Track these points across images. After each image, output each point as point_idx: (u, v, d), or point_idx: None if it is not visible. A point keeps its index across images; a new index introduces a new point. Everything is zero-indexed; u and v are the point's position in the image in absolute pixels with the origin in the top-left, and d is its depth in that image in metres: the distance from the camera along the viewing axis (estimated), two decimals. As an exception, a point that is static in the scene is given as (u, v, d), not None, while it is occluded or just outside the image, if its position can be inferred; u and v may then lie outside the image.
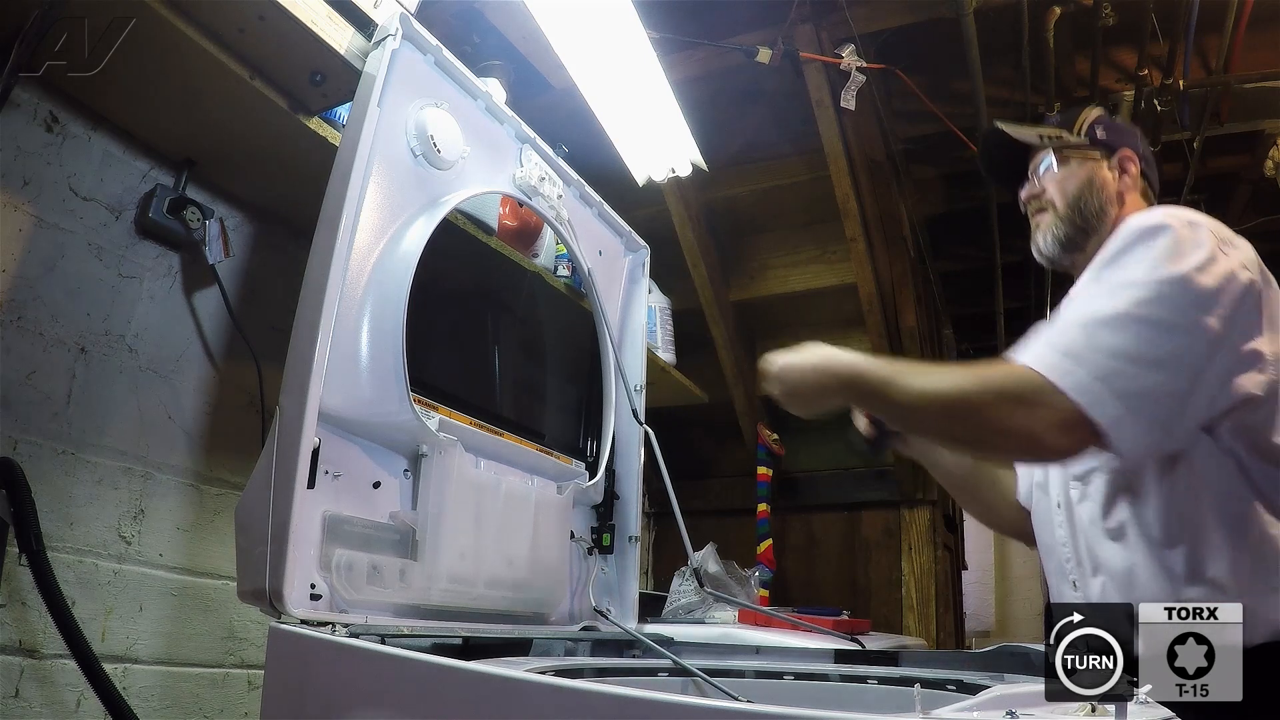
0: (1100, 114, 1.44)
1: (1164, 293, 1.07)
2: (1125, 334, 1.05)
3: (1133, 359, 1.04)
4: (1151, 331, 1.05)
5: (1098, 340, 1.06)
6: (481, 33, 2.04)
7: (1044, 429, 1.05)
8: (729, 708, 0.59)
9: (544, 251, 1.92)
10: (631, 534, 1.62)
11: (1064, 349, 1.06)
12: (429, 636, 1.07)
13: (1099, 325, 1.07)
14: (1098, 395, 1.03)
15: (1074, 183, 1.36)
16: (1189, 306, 1.06)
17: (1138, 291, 1.08)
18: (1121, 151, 1.38)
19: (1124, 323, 1.06)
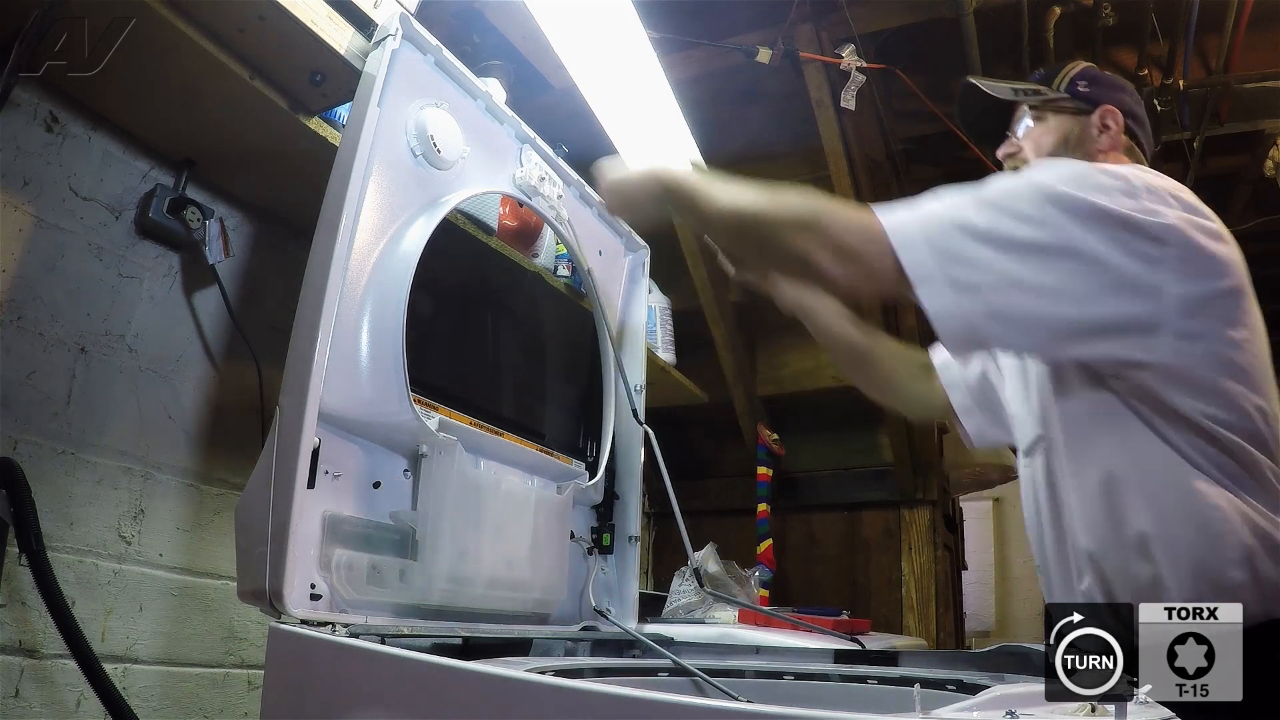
0: (1086, 67, 1.37)
1: (1027, 191, 1.02)
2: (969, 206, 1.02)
3: (956, 224, 1.01)
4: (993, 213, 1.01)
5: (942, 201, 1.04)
6: (481, 33, 2.04)
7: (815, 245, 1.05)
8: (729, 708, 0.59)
9: (544, 251, 1.92)
10: (631, 534, 1.62)
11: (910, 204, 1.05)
12: (429, 636, 1.07)
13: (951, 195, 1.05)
14: (908, 234, 1.01)
15: (1049, 142, 1.31)
16: (1046, 206, 1.00)
17: (1005, 182, 1.05)
18: (1103, 107, 1.30)
19: (977, 201, 1.03)
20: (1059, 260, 0.99)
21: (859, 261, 1.04)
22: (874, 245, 1.03)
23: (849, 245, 1.04)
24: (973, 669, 1.22)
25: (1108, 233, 0.99)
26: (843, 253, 1.04)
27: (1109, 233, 0.99)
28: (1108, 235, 0.99)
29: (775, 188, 1.13)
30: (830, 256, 1.04)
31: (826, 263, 1.05)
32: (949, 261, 1.00)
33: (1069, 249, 0.99)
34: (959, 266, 1.00)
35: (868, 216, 1.06)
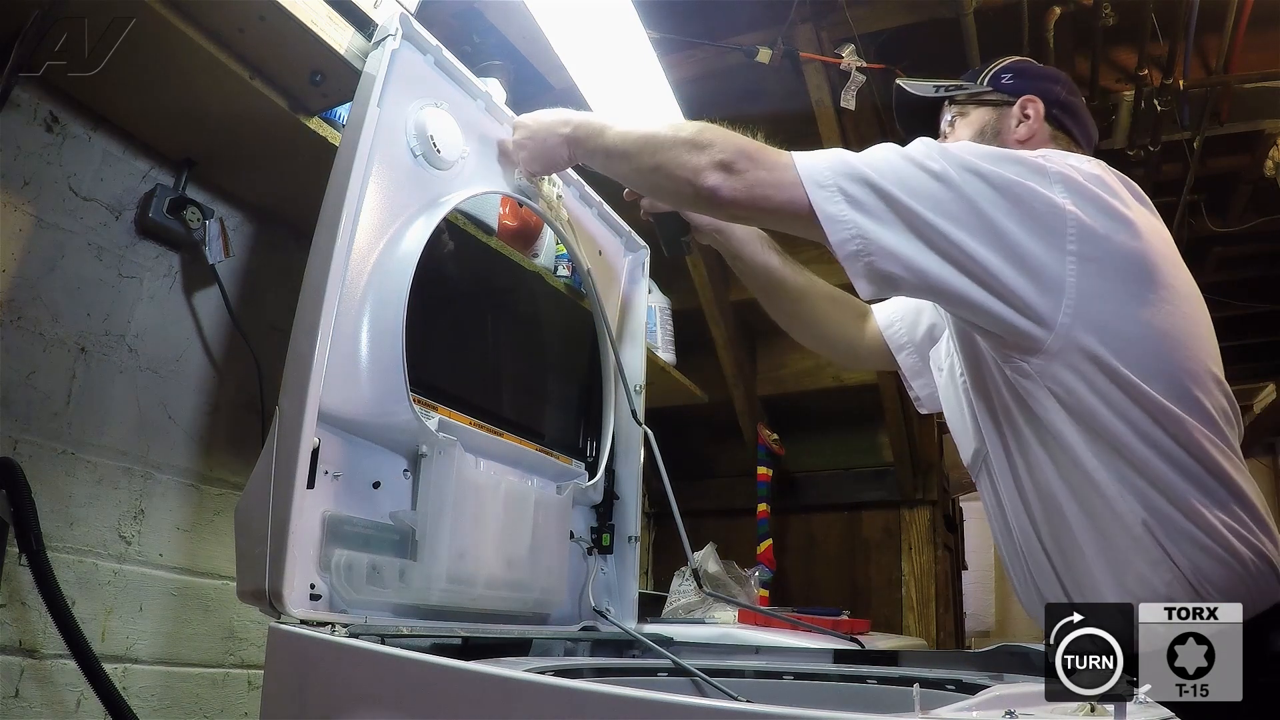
0: (1015, 61, 1.37)
1: (921, 148, 1.04)
2: (874, 151, 1.05)
3: (863, 160, 1.02)
4: (903, 161, 1.02)
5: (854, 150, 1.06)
6: (481, 33, 2.04)
7: (706, 163, 1.04)
8: (729, 708, 0.59)
9: (544, 251, 1.92)
10: (631, 534, 1.61)
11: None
12: (429, 636, 1.07)
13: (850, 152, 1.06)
14: (812, 162, 1.02)
15: (967, 132, 1.31)
16: (943, 159, 1.01)
17: (920, 145, 1.06)
18: (1023, 98, 1.29)
19: (876, 148, 1.06)
20: (951, 204, 0.99)
21: (752, 175, 1.03)
22: (773, 164, 1.04)
23: (743, 160, 1.03)
24: (973, 669, 1.22)
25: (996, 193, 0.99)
26: (736, 168, 1.03)
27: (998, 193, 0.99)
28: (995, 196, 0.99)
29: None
30: (723, 172, 1.03)
31: (717, 178, 1.03)
32: (848, 180, 1.00)
33: (961, 199, 0.99)
34: (857, 186, 1.00)
35: (773, 149, 1.07)
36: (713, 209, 1.11)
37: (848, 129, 2.60)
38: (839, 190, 1.01)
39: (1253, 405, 5.03)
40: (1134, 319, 0.99)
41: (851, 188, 1.01)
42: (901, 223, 0.99)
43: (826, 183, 1.01)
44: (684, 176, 1.07)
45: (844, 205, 1.00)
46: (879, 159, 1.04)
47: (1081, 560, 1.00)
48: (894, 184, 1.00)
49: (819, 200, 1.01)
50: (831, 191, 1.01)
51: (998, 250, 0.98)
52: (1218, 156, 2.90)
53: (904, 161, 1.03)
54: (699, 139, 1.07)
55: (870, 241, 1.00)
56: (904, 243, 0.99)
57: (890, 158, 1.04)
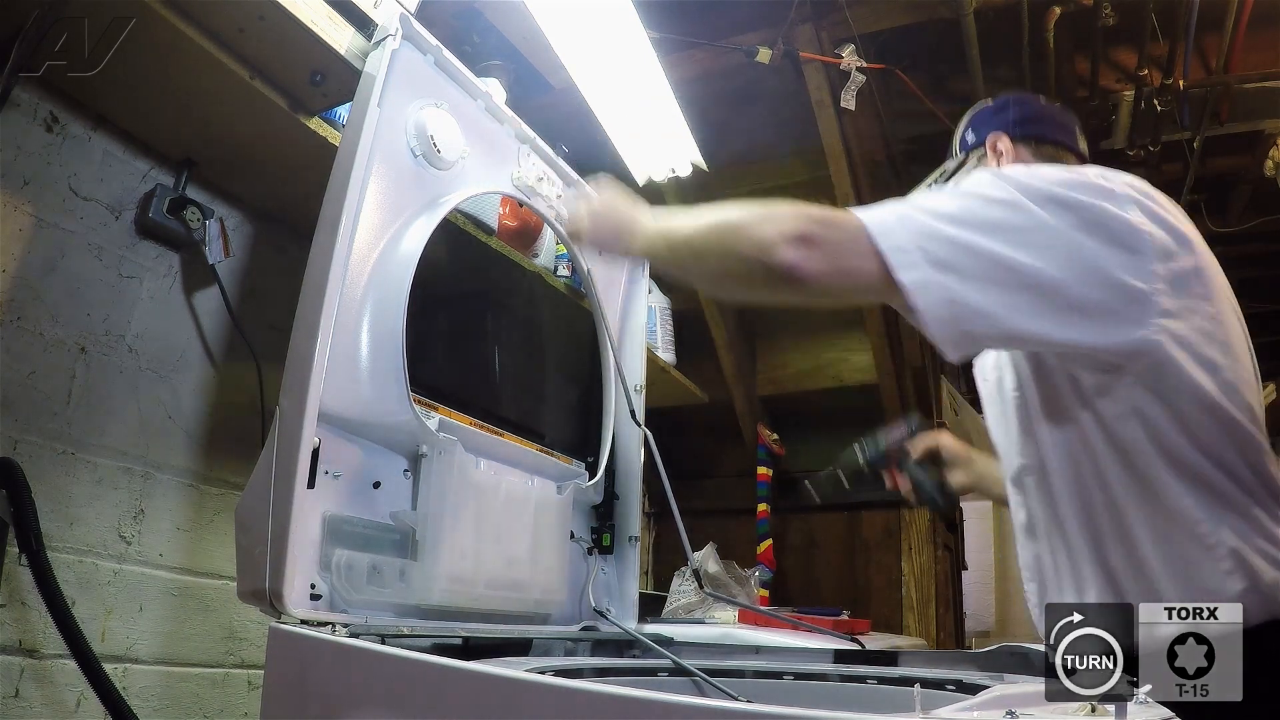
0: (974, 113, 1.39)
1: (997, 183, 0.97)
2: (942, 198, 0.97)
3: (938, 214, 0.94)
4: (973, 202, 0.95)
5: (914, 198, 0.98)
6: (481, 33, 2.04)
7: (778, 235, 0.93)
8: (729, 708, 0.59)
9: (544, 251, 1.92)
10: (631, 534, 1.61)
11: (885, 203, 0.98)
12: (429, 636, 1.07)
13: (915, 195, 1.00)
14: (888, 224, 0.93)
15: None
16: (1024, 200, 0.94)
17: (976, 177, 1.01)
18: (989, 136, 1.30)
19: (948, 195, 0.98)
20: (1032, 235, 0.93)
21: (828, 247, 0.93)
22: (846, 231, 0.94)
23: (819, 234, 0.93)
24: (973, 669, 1.22)
25: (1075, 217, 0.94)
26: (813, 238, 0.93)
27: (1077, 217, 0.94)
28: (1075, 220, 0.94)
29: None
30: (800, 246, 0.92)
31: (793, 253, 0.92)
32: (926, 239, 0.92)
33: (1040, 226, 0.93)
34: (936, 243, 0.92)
35: (835, 208, 0.98)
36: (791, 288, 0.96)
37: (847, 129, 2.59)
38: (919, 252, 0.92)
39: (1253, 405, 5.02)
40: (1207, 334, 0.98)
41: (930, 246, 0.92)
42: (988, 274, 0.92)
43: (904, 246, 0.92)
44: (754, 256, 0.95)
45: (926, 268, 0.91)
46: (949, 206, 0.95)
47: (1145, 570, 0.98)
48: (973, 229, 0.92)
49: (898, 264, 0.91)
50: (911, 254, 0.92)
51: (1086, 278, 0.93)
52: (1218, 156, 2.90)
53: (975, 201, 0.95)
54: (762, 215, 0.97)
55: (958, 302, 0.91)
56: (993, 298, 0.91)
57: (960, 201, 0.96)
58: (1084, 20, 2.42)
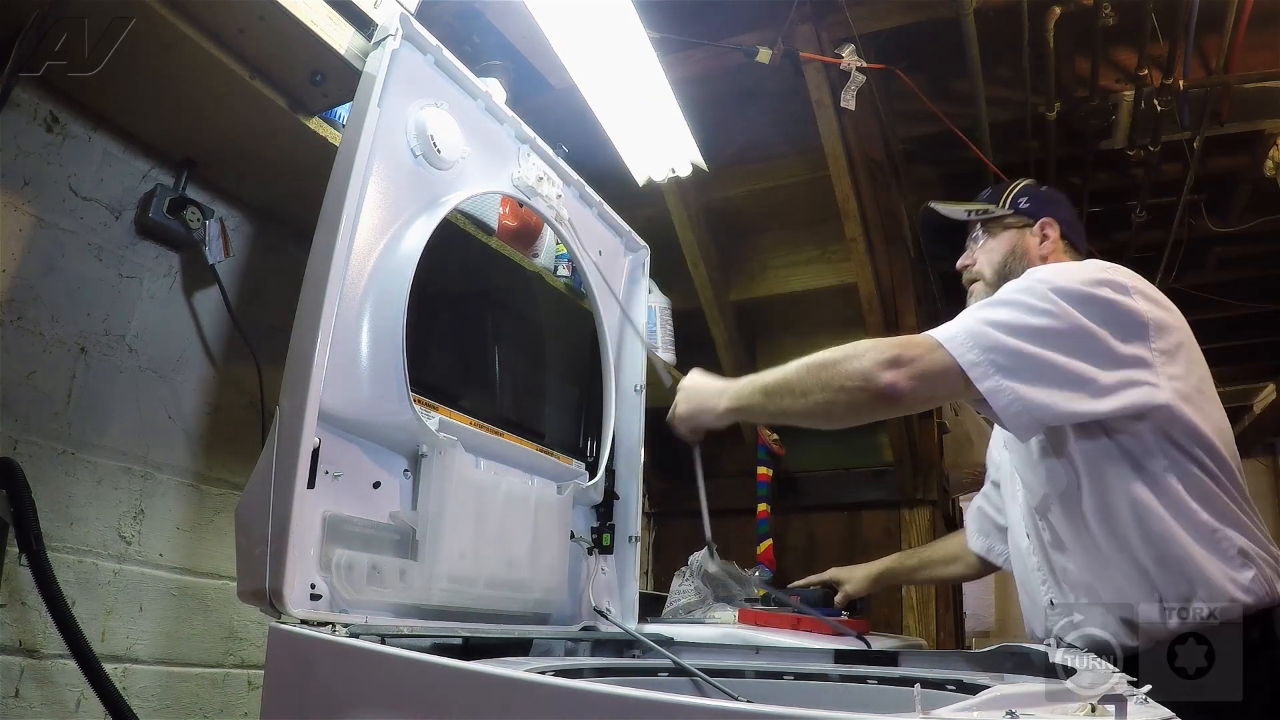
0: (1028, 184, 1.59)
1: (1035, 288, 1.24)
2: (997, 309, 1.24)
3: (997, 325, 1.21)
4: (1020, 312, 1.22)
5: (972, 313, 1.25)
6: (481, 33, 2.04)
7: (874, 364, 1.20)
8: (729, 708, 0.59)
9: (544, 251, 1.92)
10: (631, 534, 1.62)
11: (954, 320, 1.25)
12: (429, 636, 1.07)
13: (982, 306, 1.27)
14: (963, 342, 1.20)
15: (999, 254, 1.54)
16: (1058, 301, 1.21)
17: (1016, 284, 1.27)
18: (1042, 219, 1.53)
19: (998, 304, 1.25)
20: (1069, 338, 1.20)
21: (916, 365, 1.20)
22: (925, 349, 1.21)
23: (906, 355, 1.21)
24: (973, 669, 1.22)
25: (1100, 314, 1.22)
26: (902, 360, 1.20)
27: (1101, 314, 1.22)
28: (1098, 314, 1.22)
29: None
30: (893, 368, 1.20)
31: (890, 375, 1.19)
32: (992, 351, 1.19)
33: (1077, 329, 1.21)
34: (1000, 354, 1.19)
35: (915, 335, 1.26)
36: (892, 404, 1.23)
37: (847, 129, 2.59)
38: (989, 364, 1.19)
39: (1253, 405, 5.03)
40: (1196, 389, 1.26)
41: (997, 358, 1.19)
42: (1044, 373, 1.19)
43: (977, 359, 1.19)
44: (857, 385, 1.21)
45: (998, 376, 1.18)
46: (1007, 319, 1.21)
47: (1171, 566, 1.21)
48: (1026, 338, 1.20)
49: (976, 376, 1.19)
50: (985, 367, 1.19)
51: (1113, 361, 1.22)
52: (1218, 156, 2.89)
53: (1023, 311, 1.22)
54: (853, 351, 1.23)
55: (1025, 400, 1.18)
56: (1050, 394, 1.19)
57: (1015, 315, 1.22)
58: (1084, 20, 2.42)
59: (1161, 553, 1.20)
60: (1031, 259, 1.51)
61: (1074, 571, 1.31)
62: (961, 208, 1.59)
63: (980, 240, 1.57)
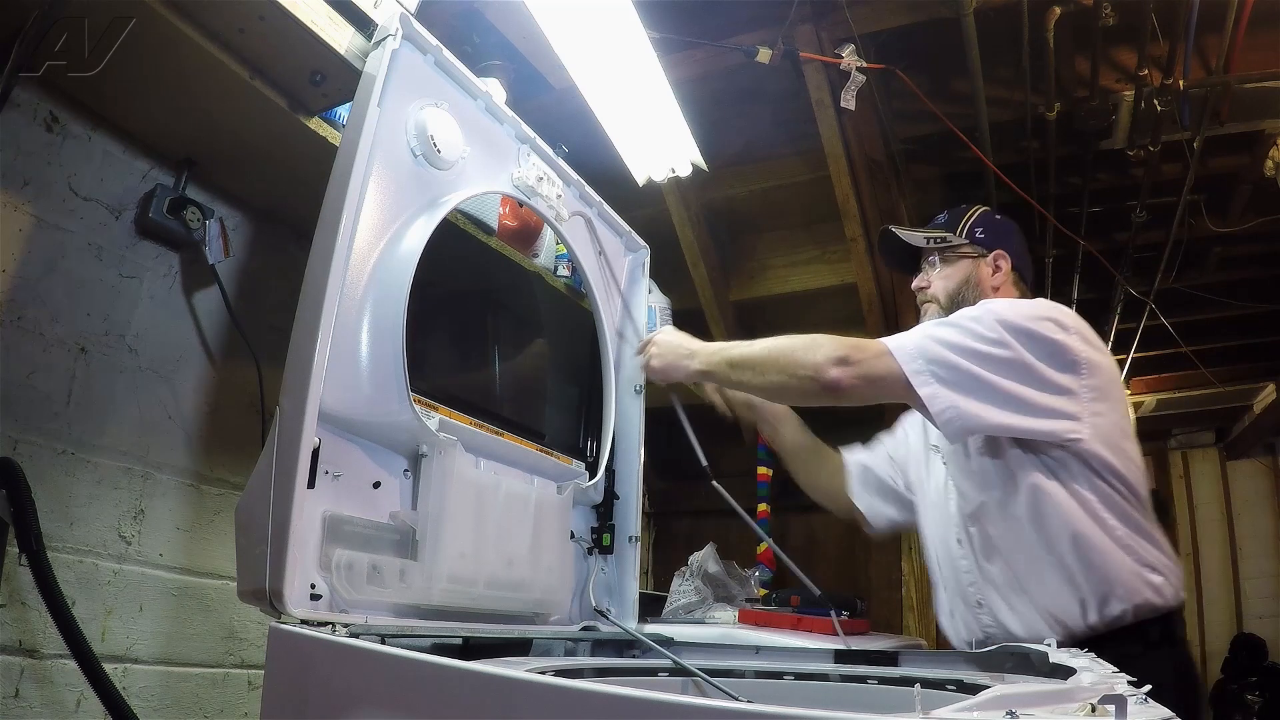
0: (984, 213, 1.67)
1: (983, 317, 1.36)
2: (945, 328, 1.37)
3: (943, 342, 1.34)
4: (966, 336, 1.34)
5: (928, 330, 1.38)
6: (481, 33, 2.04)
7: (825, 359, 1.34)
8: (729, 708, 0.59)
9: (544, 251, 1.92)
10: (631, 534, 1.61)
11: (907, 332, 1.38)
12: (429, 636, 1.07)
13: (935, 324, 1.41)
14: (910, 351, 1.33)
15: (953, 281, 1.62)
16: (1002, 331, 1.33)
17: (968, 311, 1.40)
18: (996, 251, 1.62)
19: (947, 324, 1.38)
20: (1007, 365, 1.33)
21: (862, 367, 1.34)
22: (874, 353, 1.35)
23: (855, 356, 1.35)
24: (973, 669, 1.22)
25: (1039, 348, 1.35)
26: (850, 360, 1.34)
27: (1040, 348, 1.35)
28: (1039, 350, 1.35)
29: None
30: (840, 366, 1.34)
31: (837, 371, 1.34)
32: (936, 364, 1.33)
33: (1015, 360, 1.33)
34: (941, 367, 1.32)
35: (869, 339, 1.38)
36: (835, 397, 1.38)
37: (847, 129, 2.59)
38: (930, 374, 1.32)
39: (1253, 405, 5.03)
40: (1116, 426, 1.40)
41: (938, 369, 1.32)
42: (979, 389, 1.32)
43: (920, 369, 1.32)
44: (808, 375, 1.36)
45: (936, 385, 1.32)
46: (954, 340, 1.34)
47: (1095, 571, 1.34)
48: (967, 357, 1.33)
49: (917, 382, 1.32)
50: (925, 376, 1.32)
51: (1044, 388, 1.35)
52: (1218, 156, 2.89)
53: (971, 337, 1.34)
54: (811, 343, 1.38)
55: (960, 410, 1.32)
56: (982, 406, 1.32)
57: (961, 338, 1.34)
58: (1084, 20, 2.42)
59: (1086, 557, 1.33)
60: (984, 288, 1.61)
61: (1003, 573, 1.42)
62: (920, 234, 1.66)
63: (936, 266, 1.65)
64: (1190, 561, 5.52)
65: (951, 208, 1.71)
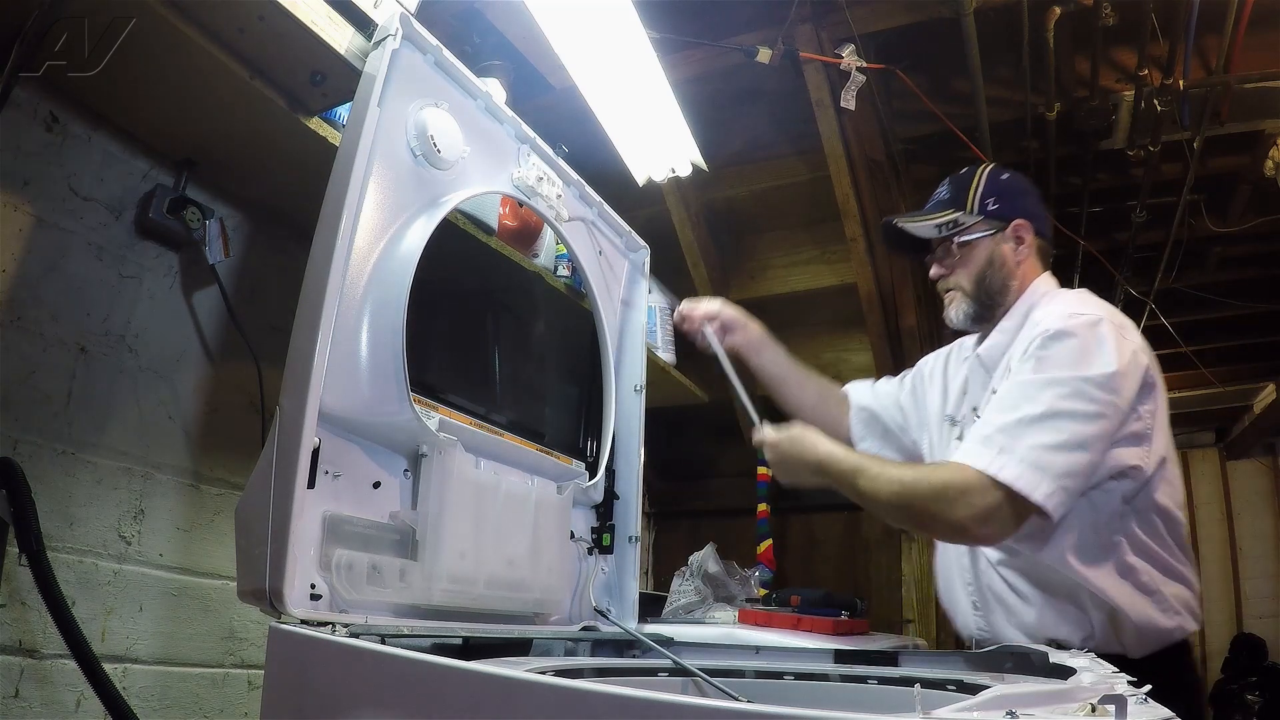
0: (990, 177, 1.53)
1: (1080, 389, 1.27)
2: (1051, 428, 1.25)
3: (1058, 447, 1.25)
4: (1074, 423, 1.26)
5: (1026, 437, 1.26)
6: (481, 33, 2.04)
7: (968, 519, 1.26)
8: (729, 708, 0.59)
9: (544, 251, 1.92)
10: (631, 534, 1.61)
11: (998, 447, 1.26)
12: (429, 636, 1.07)
13: (1026, 424, 1.27)
14: (1033, 480, 1.23)
15: (976, 266, 1.51)
16: (1102, 397, 1.26)
17: (1058, 389, 1.28)
18: (1015, 222, 1.49)
19: (1048, 418, 1.26)
20: (1115, 424, 1.28)
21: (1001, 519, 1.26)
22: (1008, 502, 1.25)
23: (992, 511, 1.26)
24: (973, 669, 1.22)
25: (1131, 393, 1.30)
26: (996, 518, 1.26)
27: (1132, 393, 1.30)
28: (1131, 395, 1.30)
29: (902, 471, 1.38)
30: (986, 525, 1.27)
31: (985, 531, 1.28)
32: (1063, 478, 1.24)
33: (1118, 414, 1.28)
34: (1069, 479, 1.25)
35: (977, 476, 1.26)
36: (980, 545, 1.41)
37: (847, 129, 2.59)
38: (1062, 490, 1.24)
39: (1253, 405, 5.03)
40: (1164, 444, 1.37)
41: (1068, 483, 1.25)
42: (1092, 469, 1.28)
43: (1052, 490, 1.24)
44: (950, 529, 1.34)
45: (1064, 497, 1.25)
46: (1063, 439, 1.25)
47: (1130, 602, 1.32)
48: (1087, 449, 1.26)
49: (1052, 508, 1.24)
50: (1059, 495, 1.24)
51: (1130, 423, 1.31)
52: (1218, 156, 2.89)
53: (1079, 423, 1.26)
54: (944, 494, 1.28)
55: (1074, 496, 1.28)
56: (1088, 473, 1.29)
57: (1069, 429, 1.26)
58: (1084, 20, 2.41)
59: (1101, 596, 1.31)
60: (1009, 268, 1.51)
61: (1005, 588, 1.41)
62: (930, 222, 1.54)
63: (953, 253, 1.53)
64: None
65: (953, 175, 1.59)
